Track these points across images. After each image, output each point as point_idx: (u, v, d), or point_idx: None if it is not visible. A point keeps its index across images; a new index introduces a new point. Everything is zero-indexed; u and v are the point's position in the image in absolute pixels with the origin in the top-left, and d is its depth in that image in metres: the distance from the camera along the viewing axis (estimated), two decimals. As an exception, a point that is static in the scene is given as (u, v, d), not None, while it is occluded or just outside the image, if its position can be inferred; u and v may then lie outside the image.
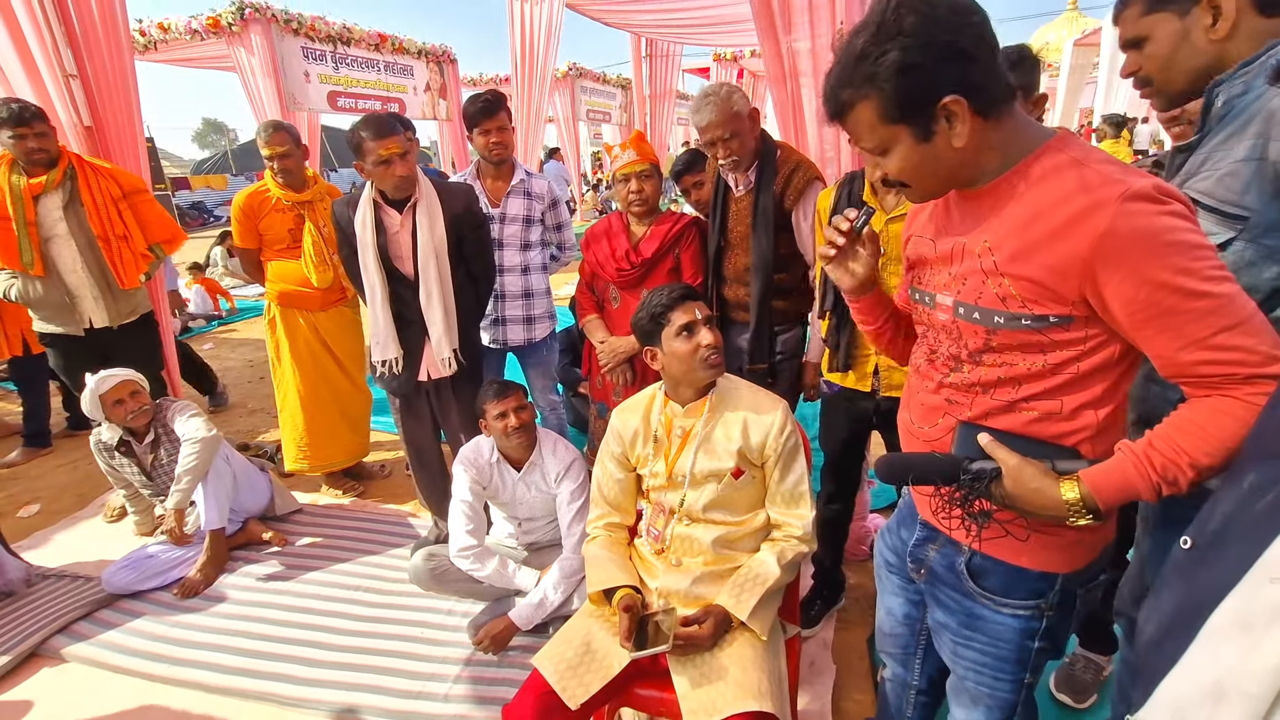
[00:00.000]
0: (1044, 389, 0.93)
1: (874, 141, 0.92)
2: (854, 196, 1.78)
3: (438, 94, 8.78)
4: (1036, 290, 0.88)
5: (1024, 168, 0.90)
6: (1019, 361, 0.93)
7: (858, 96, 0.89)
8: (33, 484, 3.46)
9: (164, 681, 2.07)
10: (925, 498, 1.13)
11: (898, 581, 1.28)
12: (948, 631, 1.14)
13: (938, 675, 1.32)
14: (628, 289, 2.30)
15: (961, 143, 0.87)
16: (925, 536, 1.16)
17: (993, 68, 0.86)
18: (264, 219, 2.88)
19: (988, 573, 1.06)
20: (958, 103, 0.85)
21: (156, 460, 2.68)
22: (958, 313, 0.98)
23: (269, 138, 2.80)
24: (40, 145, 2.62)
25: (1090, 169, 0.84)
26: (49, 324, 2.81)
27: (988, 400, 0.98)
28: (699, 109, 2.02)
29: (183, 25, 6.50)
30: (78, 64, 3.02)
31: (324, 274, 2.89)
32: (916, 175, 0.93)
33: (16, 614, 2.37)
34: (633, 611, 1.38)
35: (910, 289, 1.12)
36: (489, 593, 2.23)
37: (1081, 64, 10.76)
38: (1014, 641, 1.06)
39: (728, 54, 11.73)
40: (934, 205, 1.07)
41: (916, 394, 1.11)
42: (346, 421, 3.18)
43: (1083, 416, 0.93)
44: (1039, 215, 0.87)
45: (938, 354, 1.05)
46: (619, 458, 1.62)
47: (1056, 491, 0.88)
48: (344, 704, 1.93)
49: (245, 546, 2.76)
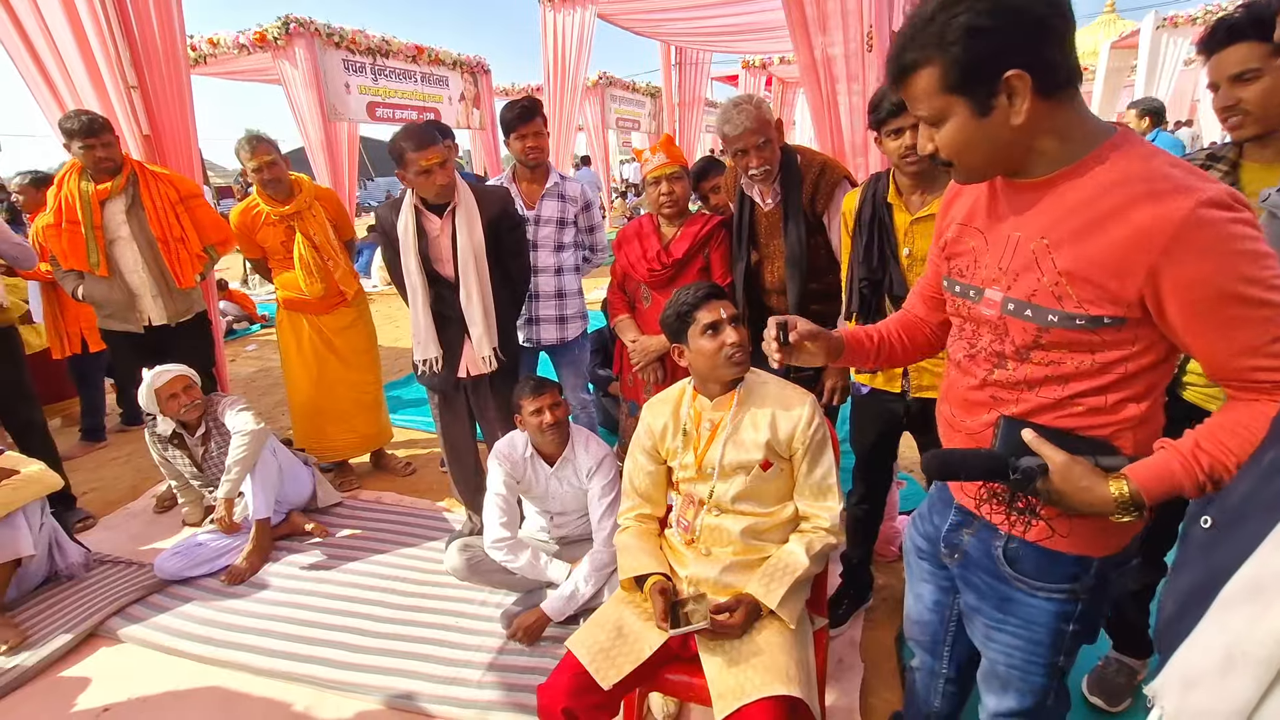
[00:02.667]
0: (1091, 387, 0.94)
1: (930, 109, 0.90)
2: (878, 197, 1.78)
3: (471, 103, 8.98)
4: (1095, 291, 0.87)
5: (1088, 164, 0.88)
6: (1066, 360, 0.94)
7: (922, 59, 0.87)
8: (89, 475, 3.64)
9: (212, 663, 2.17)
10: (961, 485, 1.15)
11: (928, 568, 1.29)
12: (980, 615, 1.15)
13: (967, 663, 1.33)
14: (659, 289, 2.35)
15: (1020, 120, 0.85)
16: (959, 521, 1.17)
17: (1064, 46, 0.84)
18: (259, 232, 2.99)
19: (1023, 557, 1.07)
20: (1021, 78, 0.83)
21: (207, 453, 2.81)
22: (1006, 309, 0.97)
23: (254, 149, 2.86)
24: (107, 154, 2.78)
25: (1160, 172, 0.83)
26: (111, 322, 2.96)
27: (1034, 397, 0.98)
28: (730, 118, 1.99)
29: (231, 40, 6.78)
30: (138, 77, 3.19)
31: (314, 285, 2.99)
32: (966, 151, 0.91)
33: (77, 596, 2.51)
34: (667, 595, 1.43)
35: (947, 280, 1.10)
36: (521, 584, 2.29)
37: (1118, 67, 10.51)
38: (1048, 625, 1.07)
39: (756, 61, 11.77)
40: (978, 192, 1.05)
41: (957, 388, 1.11)
42: (358, 413, 3.30)
43: (1126, 409, 0.94)
44: (1106, 216, 0.85)
45: (978, 349, 1.05)
46: (649, 450, 1.66)
47: (1105, 489, 0.88)
48: (382, 688, 2.00)
49: (288, 537, 2.86)
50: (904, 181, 1.73)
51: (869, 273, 1.79)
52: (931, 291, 1.23)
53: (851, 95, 2.88)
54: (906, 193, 1.73)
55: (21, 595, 2.51)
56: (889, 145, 1.66)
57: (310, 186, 3.06)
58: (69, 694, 2.09)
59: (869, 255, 1.79)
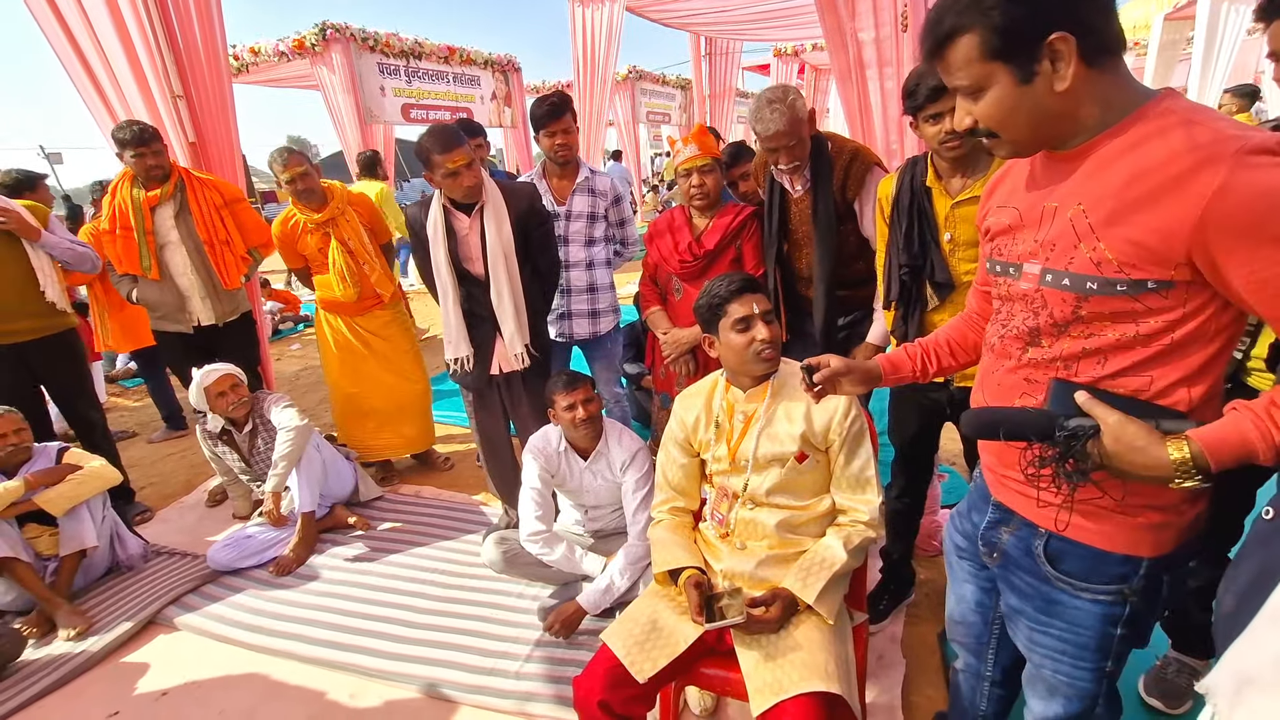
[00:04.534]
0: (1132, 363, 0.88)
1: (969, 79, 0.87)
2: (916, 181, 1.73)
3: (503, 102, 9.07)
4: (1136, 253, 0.82)
5: (1125, 125, 0.84)
6: (1107, 332, 0.88)
7: (960, 26, 0.84)
8: (146, 471, 3.81)
9: (262, 651, 2.25)
10: (998, 477, 1.11)
11: (969, 567, 1.25)
12: (1023, 617, 1.11)
13: (1012, 665, 1.28)
14: (690, 281, 2.33)
15: (1064, 86, 0.81)
16: (998, 519, 1.12)
17: (1109, 7, 0.81)
18: (299, 241, 3.06)
19: (1066, 556, 1.02)
20: (1065, 40, 0.79)
21: (254, 448, 2.90)
22: (1044, 280, 0.92)
23: (286, 161, 2.92)
24: (157, 162, 2.89)
25: (1201, 126, 0.78)
26: (163, 323, 3.09)
27: (1071, 378, 0.93)
28: (762, 117, 1.96)
29: (271, 48, 6.99)
30: (184, 86, 3.31)
31: (348, 290, 3.04)
32: (1009, 122, 0.88)
33: (137, 585, 2.62)
34: (702, 589, 1.41)
35: (989, 261, 1.07)
36: (557, 577, 2.31)
37: (1173, 39, 10.00)
38: (1094, 628, 1.02)
39: (788, 48, 11.56)
40: (1018, 173, 1.02)
41: (992, 373, 1.07)
42: (401, 414, 3.34)
43: (1175, 394, 0.87)
44: (1142, 174, 0.81)
45: (1011, 328, 1.01)
46: (682, 443, 1.65)
47: (1163, 451, 0.80)
48: (424, 677, 2.04)
49: (332, 530, 2.94)
50: (943, 165, 1.68)
51: (910, 259, 1.74)
52: (982, 283, 1.20)
53: (884, 80, 2.81)
54: (946, 177, 1.68)
55: (87, 584, 2.64)
56: (928, 131, 1.61)
57: (342, 192, 3.11)
58: (130, 678, 2.19)
59: (909, 241, 1.74)
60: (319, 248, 3.04)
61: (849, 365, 1.17)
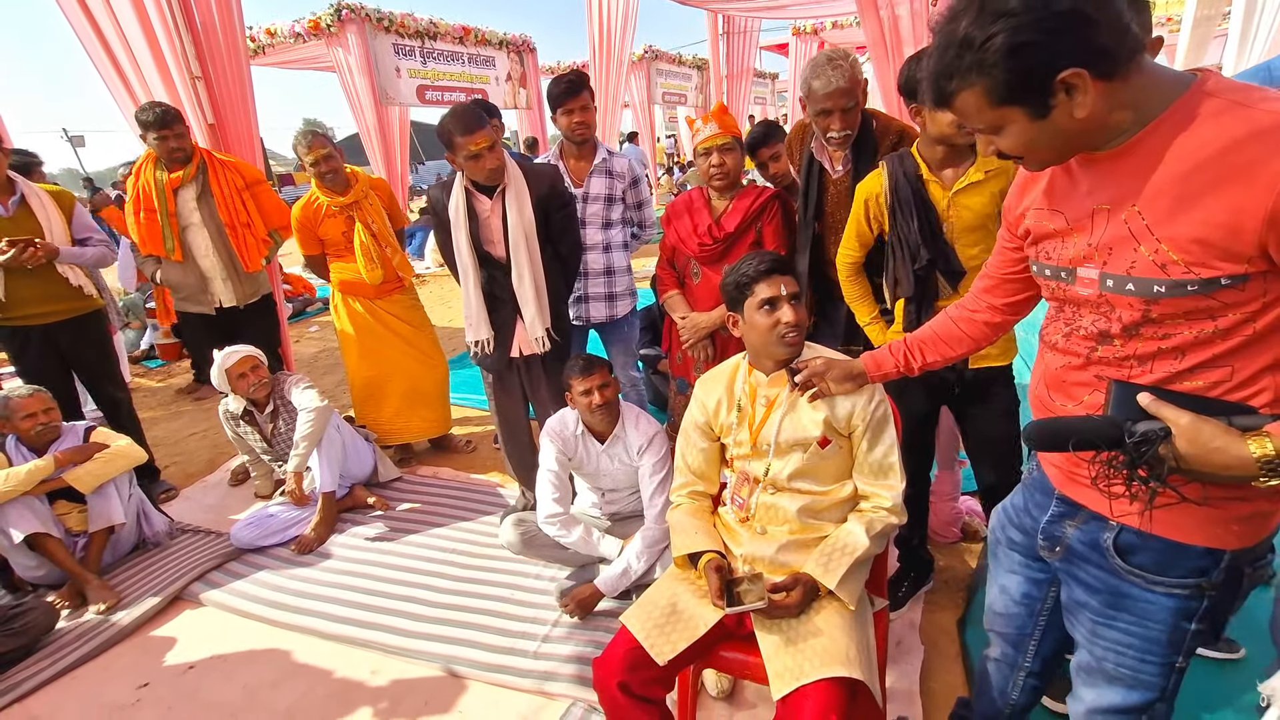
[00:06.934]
0: (1212, 355, 0.84)
1: (985, 123, 0.86)
2: (907, 176, 1.72)
3: (519, 83, 8.99)
4: (1203, 250, 0.79)
5: (1169, 118, 0.80)
6: (1182, 330, 0.85)
7: (964, 85, 0.83)
8: (171, 449, 3.87)
9: (284, 627, 2.29)
10: (1064, 473, 1.07)
11: (1019, 559, 1.22)
12: (1086, 611, 1.07)
13: (1053, 658, 1.26)
14: (709, 264, 2.30)
15: (1085, 113, 0.79)
16: (1061, 512, 1.09)
17: (1117, 24, 0.76)
18: (321, 225, 3.05)
19: (1137, 549, 0.98)
20: (1078, 75, 0.77)
21: (276, 429, 2.94)
22: (1105, 286, 0.89)
23: (310, 143, 2.91)
24: (179, 144, 2.90)
25: (1257, 109, 0.75)
26: (186, 304, 3.13)
27: (1145, 374, 0.90)
28: (821, 73, 1.86)
29: (286, 29, 6.97)
30: (202, 68, 3.31)
31: (374, 271, 3.04)
32: (1034, 149, 0.87)
33: (163, 562, 2.68)
34: (722, 573, 1.41)
35: (1035, 265, 1.04)
36: (574, 559, 2.32)
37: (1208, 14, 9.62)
38: (1167, 622, 0.98)
39: (808, 27, 11.33)
40: (1050, 173, 0.98)
41: (1054, 370, 1.04)
42: (420, 398, 3.35)
43: (1259, 382, 0.83)
44: (1200, 166, 0.77)
45: (1079, 329, 0.97)
46: (703, 427, 1.64)
47: (1244, 448, 0.76)
48: (442, 655, 2.07)
49: (352, 510, 2.98)
50: (932, 158, 1.69)
51: (932, 252, 1.72)
52: (998, 273, 1.19)
53: None
54: (937, 168, 1.69)
55: (115, 560, 2.71)
56: (939, 119, 1.59)
57: (365, 177, 3.13)
58: (158, 652, 2.24)
59: (924, 235, 1.72)
60: (343, 231, 3.05)
61: (829, 363, 1.20)
